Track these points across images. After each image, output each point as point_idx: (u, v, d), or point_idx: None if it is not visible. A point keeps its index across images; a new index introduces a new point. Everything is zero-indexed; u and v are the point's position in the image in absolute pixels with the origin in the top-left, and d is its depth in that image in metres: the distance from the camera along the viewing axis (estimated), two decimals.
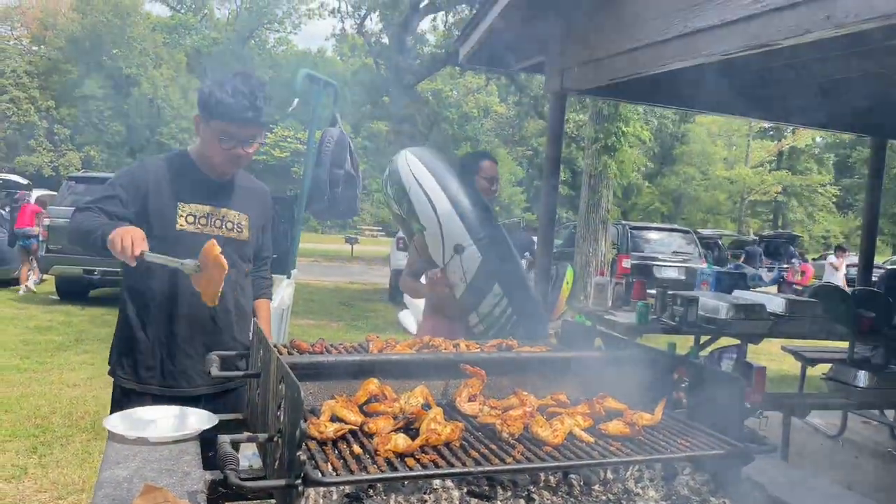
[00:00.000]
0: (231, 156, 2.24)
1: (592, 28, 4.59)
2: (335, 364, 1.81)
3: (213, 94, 2.15)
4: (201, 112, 2.22)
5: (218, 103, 2.14)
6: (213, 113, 2.17)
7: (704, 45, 3.63)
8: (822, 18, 3.04)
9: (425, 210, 3.06)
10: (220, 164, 2.27)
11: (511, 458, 1.45)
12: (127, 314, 2.31)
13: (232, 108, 2.14)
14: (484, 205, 3.17)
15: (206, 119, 2.21)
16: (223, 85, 2.16)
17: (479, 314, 3.07)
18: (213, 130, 2.19)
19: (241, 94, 2.15)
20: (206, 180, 2.31)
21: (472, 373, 1.81)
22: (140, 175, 2.25)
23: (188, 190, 2.27)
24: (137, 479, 1.46)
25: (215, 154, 2.24)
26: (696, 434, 1.69)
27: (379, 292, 14.45)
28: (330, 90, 4.41)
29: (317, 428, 1.49)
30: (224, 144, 2.20)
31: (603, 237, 12.50)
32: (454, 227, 3.01)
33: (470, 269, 3.01)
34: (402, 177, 3.15)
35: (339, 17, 27.60)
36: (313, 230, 35.82)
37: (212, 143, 2.22)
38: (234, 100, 2.14)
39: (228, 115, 2.16)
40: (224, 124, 2.18)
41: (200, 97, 2.20)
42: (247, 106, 2.16)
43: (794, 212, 43.35)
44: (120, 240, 1.94)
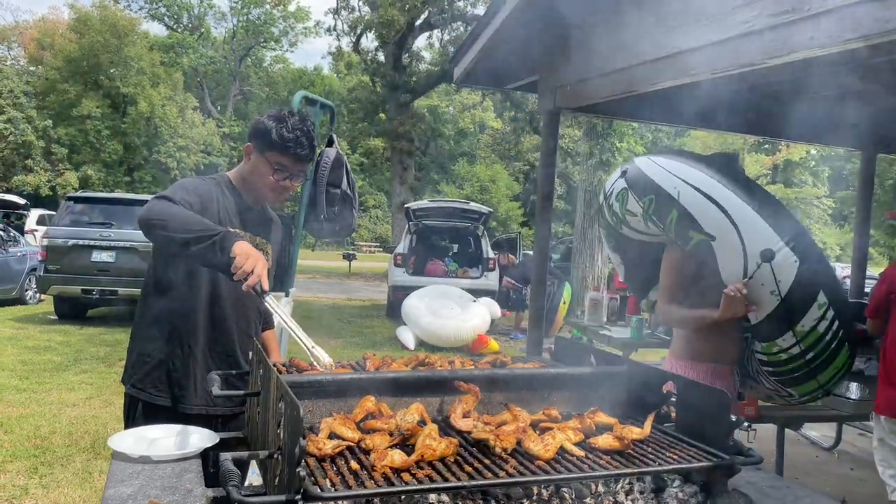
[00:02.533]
0: (280, 187, 2.36)
1: (585, 48, 4.67)
2: (333, 382, 1.85)
3: (276, 128, 2.27)
4: (257, 142, 2.32)
5: (280, 137, 2.27)
6: (272, 145, 2.29)
7: (693, 64, 3.70)
8: (806, 39, 3.12)
9: (710, 215, 2.62)
10: (267, 193, 2.38)
11: (504, 473, 1.50)
12: (158, 328, 2.32)
13: (292, 144, 2.28)
14: (776, 200, 2.71)
15: (261, 150, 2.32)
16: (283, 121, 2.29)
17: (797, 333, 2.59)
18: (268, 161, 2.31)
19: (300, 131, 2.30)
20: (248, 207, 2.42)
21: (467, 389, 1.86)
22: (202, 191, 2.28)
23: (235, 215, 2.36)
24: (142, 496, 1.50)
25: (265, 184, 2.35)
26: (684, 447, 1.73)
27: (377, 308, 14.47)
28: (327, 111, 4.48)
29: (315, 445, 1.53)
30: (277, 176, 2.32)
31: (599, 252, 12.57)
32: (757, 230, 2.54)
33: (785, 278, 2.51)
34: (660, 183, 2.74)
35: (336, 35, 27.90)
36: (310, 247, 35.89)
37: (264, 173, 2.33)
38: (293, 135, 2.28)
39: (288, 150, 2.29)
40: (282, 157, 2.30)
41: (259, 129, 2.31)
42: (305, 144, 2.31)
43: None
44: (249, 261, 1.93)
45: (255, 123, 2.35)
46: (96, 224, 10.23)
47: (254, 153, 2.35)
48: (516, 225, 37.97)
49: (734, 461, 1.66)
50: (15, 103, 36.73)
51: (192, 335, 2.32)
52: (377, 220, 44.00)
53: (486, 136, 42.05)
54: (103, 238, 9.95)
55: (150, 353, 2.32)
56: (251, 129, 2.37)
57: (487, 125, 41.49)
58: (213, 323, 2.34)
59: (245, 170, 2.40)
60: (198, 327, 2.32)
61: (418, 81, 24.85)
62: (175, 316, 2.30)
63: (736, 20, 3.40)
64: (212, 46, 50.16)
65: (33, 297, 12.65)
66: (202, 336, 2.33)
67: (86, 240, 10.05)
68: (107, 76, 39.92)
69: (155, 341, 2.32)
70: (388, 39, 24.02)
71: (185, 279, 2.28)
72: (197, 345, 2.32)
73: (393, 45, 24.17)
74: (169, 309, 2.30)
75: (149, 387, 2.32)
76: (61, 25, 41.03)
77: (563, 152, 21.56)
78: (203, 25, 50.69)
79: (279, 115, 2.32)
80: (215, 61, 49.18)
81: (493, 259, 13.03)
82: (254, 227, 2.43)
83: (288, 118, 2.30)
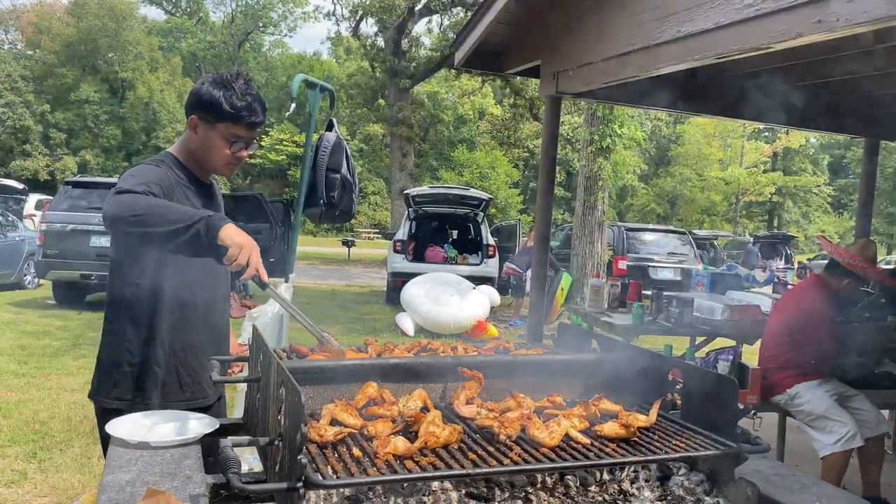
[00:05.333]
0: (235, 159, 2.20)
1: (586, 32, 4.62)
2: (334, 368, 1.82)
3: (225, 97, 2.10)
4: (203, 114, 2.13)
5: (231, 107, 2.10)
6: (223, 116, 2.11)
7: (697, 48, 3.66)
8: (813, 22, 3.07)
9: None
10: (221, 167, 2.21)
11: (508, 460, 1.47)
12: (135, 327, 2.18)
13: (245, 111, 2.12)
14: None
15: (209, 121, 2.14)
16: (228, 87, 2.11)
17: None
18: (219, 133, 2.14)
19: (250, 96, 2.13)
20: (199, 184, 2.26)
21: (470, 376, 1.83)
22: (159, 177, 2.08)
23: (195, 197, 2.21)
24: (140, 483, 1.48)
25: (218, 157, 2.18)
26: (691, 435, 1.71)
27: (376, 295, 14.46)
28: (326, 95, 4.43)
29: (317, 431, 1.51)
30: (233, 148, 2.17)
31: (599, 239, 12.54)
32: None
33: None
34: None
35: (335, 20, 27.69)
36: (310, 233, 35.82)
37: (216, 145, 2.16)
38: (245, 102, 2.11)
39: (242, 119, 2.13)
40: (236, 127, 2.14)
41: (205, 99, 2.12)
42: (258, 109, 2.15)
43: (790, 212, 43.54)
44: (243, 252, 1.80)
45: (197, 93, 2.14)
46: (95, 209, 10.18)
47: (201, 126, 2.15)
48: (515, 212, 37.93)
49: (741, 449, 1.64)
50: (12, 87, 36.58)
51: (188, 327, 2.23)
52: (376, 206, 43.94)
53: (486, 123, 41.91)
54: (101, 223, 9.88)
55: (128, 359, 2.18)
56: (194, 99, 2.15)
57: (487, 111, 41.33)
58: (204, 313, 2.26)
59: (192, 144, 2.20)
60: (174, 326, 2.21)
61: (418, 67, 24.69)
62: (150, 317, 2.17)
63: (743, 3, 3.35)
64: (210, 31, 49.89)
65: (32, 281, 12.61)
66: (198, 327, 2.26)
67: (84, 225, 10.01)
68: (105, 61, 39.74)
69: (133, 346, 2.18)
70: (388, 24, 23.84)
71: (156, 278, 2.15)
72: (193, 334, 2.25)
73: (393, 30, 23.99)
74: (144, 311, 2.16)
75: (126, 394, 2.17)
76: (59, 9, 40.78)
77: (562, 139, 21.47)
78: (201, 10, 50.40)
79: (222, 81, 2.12)
80: (214, 46, 48.89)
81: (492, 246, 12.99)
82: (209, 203, 2.28)
83: (233, 83, 2.11)
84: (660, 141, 44.70)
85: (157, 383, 2.19)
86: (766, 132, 39.76)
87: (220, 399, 2.44)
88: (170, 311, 2.19)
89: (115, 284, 2.21)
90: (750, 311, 4.66)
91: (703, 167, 40.53)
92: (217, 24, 50.35)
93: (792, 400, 4.00)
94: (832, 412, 3.84)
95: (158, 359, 2.19)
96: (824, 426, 3.84)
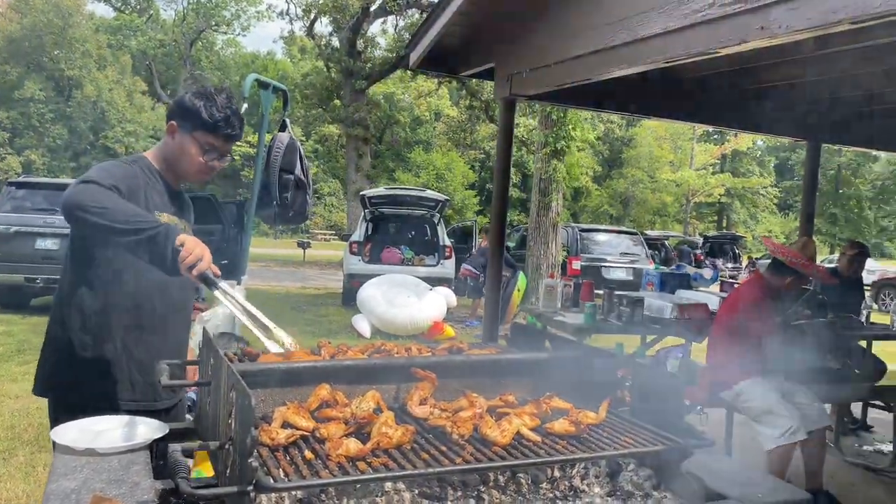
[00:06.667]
0: (208, 168, 2.26)
1: (540, 35, 4.67)
2: (286, 370, 1.81)
3: (205, 107, 2.17)
4: (183, 122, 2.21)
5: (210, 116, 2.17)
6: (202, 125, 2.19)
7: (647, 52, 3.74)
8: (756, 28, 3.17)
9: None
10: (193, 174, 2.28)
11: (460, 459, 1.49)
12: (85, 324, 2.17)
13: (222, 122, 2.20)
14: None
15: (188, 129, 2.21)
16: (210, 98, 2.19)
17: None
18: (195, 141, 2.21)
19: (230, 109, 2.21)
20: (169, 189, 2.30)
21: (423, 376, 1.84)
22: (127, 176, 2.12)
23: (158, 198, 2.24)
24: (85, 490, 1.44)
25: (191, 164, 2.24)
26: (639, 431, 1.75)
27: (332, 297, 14.35)
28: (279, 95, 4.39)
29: (268, 434, 1.50)
30: (206, 156, 2.23)
31: (553, 239, 12.68)
32: None
33: None
34: None
35: (288, 19, 27.43)
36: (265, 235, 35.37)
37: (190, 153, 2.22)
38: (223, 115, 2.19)
39: (219, 130, 2.20)
40: (210, 136, 2.21)
41: (186, 107, 2.20)
42: (235, 123, 2.23)
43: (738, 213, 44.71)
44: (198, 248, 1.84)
45: (180, 101, 2.24)
46: (40, 210, 9.89)
47: (178, 133, 2.23)
48: (472, 213, 38.07)
49: (687, 444, 1.68)
50: None
51: (143, 327, 2.21)
52: (332, 207, 43.62)
53: (442, 124, 42.00)
54: (47, 225, 9.61)
55: (78, 353, 2.16)
56: (175, 107, 2.25)
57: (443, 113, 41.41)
58: (161, 313, 2.24)
59: (168, 150, 2.27)
60: (129, 326, 2.19)
61: (373, 68, 24.62)
62: (104, 314, 2.16)
63: (690, 9, 3.43)
64: (161, 29, 48.83)
65: None
66: (154, 328, 2.23)
67: (29, 226, 9.70)
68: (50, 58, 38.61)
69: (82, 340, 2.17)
70: (343, 24, 23.72)
71: (114, 273, 2.15)
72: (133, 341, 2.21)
73: (347, 30, 23.87)
74: (98, 305, 2.16)
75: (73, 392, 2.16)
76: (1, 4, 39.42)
77: (518, 141, 21.65)
78: (152, 7, 49.30)
79: (206, 93, 2.22)
80: (165, 45, 47.88)
81: (449, 247, 13.03)
82: (178, 208, 2.33)
83: (216, 96, 2.21)
84: (613, 143, 45.44)
85: (112, 382, 2.18)
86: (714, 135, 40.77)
87: (178, 403, 2.41)
88: (125, 311, 2.18)
89: (67, 280, 2.21)
90: (698, 310, 4.78)
91: (654, 169, 41.30)
92: (168, 22, 49.29)
93: (738, 396, 4.11)
94: (776, 407, 3.97)
95: (111, 358, 2.18)
96: (769, 421, 3.96)
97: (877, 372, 5.82)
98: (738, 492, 1.75)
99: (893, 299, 16.31)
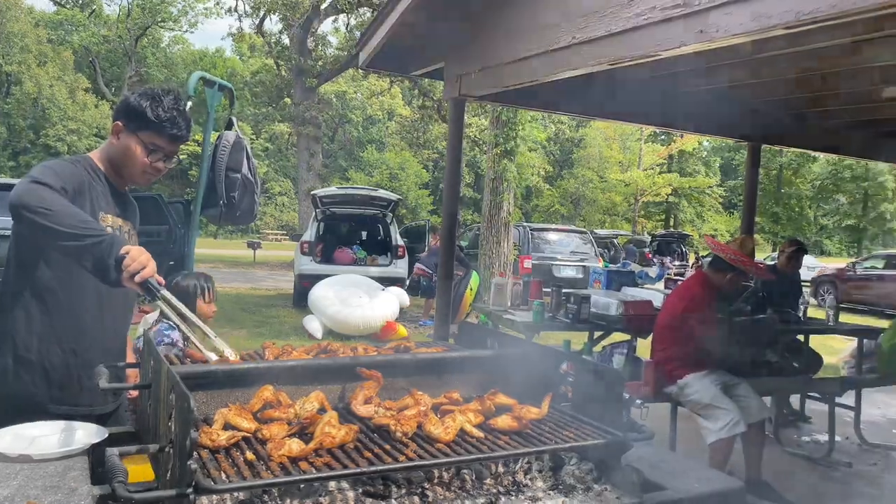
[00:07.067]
0: (153, 169, 2.24)
1: (488, 36, 4.71)
2: (229, 372, 1.80)
3: (151, 107, 2.15)
4: (128, 122, 2.18)
5: (156, 117, 2.15)
6: (147, 125, 2.16)
7: (592, 55, 3.80)
8: (695, 32, 3.26)
9: None
10: (138, 175, 2.25)
11: (404, 457, 1.50)
12: (28, 323, 2.13)
13: (168, 123, 2.17)
14: None
15: (133, 129, 2.18)
16: (157, 99, 2.17)
17: None
18: (140, 142, 2.18)
19: (176, 110, 2.20)
20: (114, 190, 2.27)
21: (368, 376, 1.85)
22: (73, 176, 2.09)
23: (103, 199, 2.20)
24: (20, 497, 1.41)
25: (136, 165, 2.21)
26: (580, 425, 1.79)
27: (283, 298, 14.18)
28: (226, 93, 4.33)
29: (209, 436, 1.48)
30: (151, 157, 2.21)
31: (505, 239, 12.79)
32: None
33: None
34: None
35: (237, 16, 27.02)
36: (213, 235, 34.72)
37: (135, 154, 2.20)
38: (170, 115, 2.17)
39: (164, 130, 2.18)
40: (156, 137, 2.18)
41: (131, 107, 2.18)
42: (182, 124, 2.21)
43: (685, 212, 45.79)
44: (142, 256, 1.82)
45: (126, 101, 2.21)
46: None
47: (124, 133, 2.20)
48: (426, 213, 38.10)
49: (627, 437, 1.72)
50: None
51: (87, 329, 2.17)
52: (283, 207, 43.08)
53: (395, 124, 41.92)
54: None
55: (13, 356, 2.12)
56: (120, 106, 2.22)
57: (396, 112, 41.31)
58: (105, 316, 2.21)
59: (113, 151, 2.24)
60: (92, 320, 2.17)
61: (325, 66, 24.40)
62: (44, 315, 2.12)
63: (633, 12, 3.51)
64: (105, 24, 47.42)
65: None
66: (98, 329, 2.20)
67: None
68: None
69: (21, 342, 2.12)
70: (293, 22, 23.47)
71: (61, 275, 2.11)
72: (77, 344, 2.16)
73: (298, 28, 23.63)
74: (39, 307, 2.12)
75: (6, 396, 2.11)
76: None
77: (470, 141, 21.75)
78: (94, 2, 47.87)
79: (152, 93, 2.20)
80: (109, 40, 46.52)
81: (402, 247, 13.00)
82: (122, 210, 2.30)
83: (162, 96, 2.19)
84: (563, 144, 46.04)
85: (49, 386, 2.13)
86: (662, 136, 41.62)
87: (119, 407, 2.36)
88: (66, 313, 2.14)
89: (8, 280, 2.17)
90: (642, 306, 4.89)
91: (604, 169, 41.96)
92: (112, 18, 47.89)
93: (682, 390, 4.22)
94: (718, 401, 4.08)
95: (48, 361, 2.13)
96: (711, 414, 4.07)
97: (814, 365, 6.04)
98: (675, 482, 1.81)
99: (831, 295, 16.92)
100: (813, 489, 4.63)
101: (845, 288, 17.21)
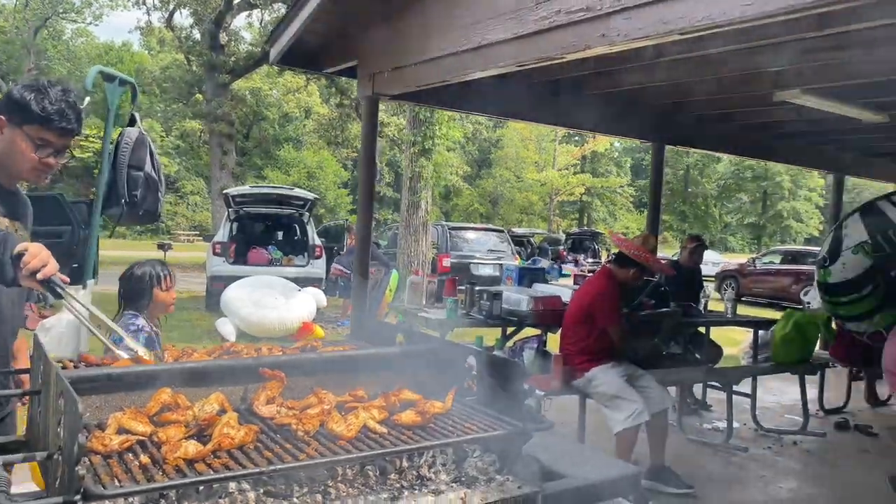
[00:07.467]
0: (43, 165, 2.11)
1: (400, 35, 4.73)
2: (123, 375, 1.74)
3: (36, 99, 2.03)
4: (13, 116, 2.06)
5: (42, 110, 2.03)
6: (33, 119, 2.03)
7: (500, 56, 3.88)
8: (598, 36, 3.38)
9: None
10: (27, 171, 2.12)
11: (304, 455, 1.50)
12: None
13: (56, 115, 2.05)
14: None
15: (18, 124, 2.05)
16: (43, 90, 2.06)
17: None
18: (26, 136, 2.05)
19: (64, 101, 2.08)
20: (8, 192, 2.15)
21: (271, 376, 1.83)
22: None
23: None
24: None
25: (23, 161, 2.08)
26: (482, 417, 1.83)
27: (195, 300, 13.76)
28: (128, 88, 4.18)
29: (100, 441, 1.44)
30: (40, 153, 2.08)
31: (423, 237, 12.85)
32: None
33: None
34: None
35: (146, 9, 26.04)
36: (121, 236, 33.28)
37: (21, 149, 2.07)
38: (57, 107, 2.05)
39: (52, 123, 2.05)
40: (43, 131, 2.06)
41: (15, 101, 2.06)
42: (71, 116, 2.09)
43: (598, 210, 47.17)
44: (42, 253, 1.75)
45: (9, 94, 2.11)
46: None
47: (7, 127, 2.09)
48: (345, 212, 37.73)
49: (527, 427, 1.78)
50: None
51: None
52: (196, 207, 41.72)
53: (312, 122, 41.32)
54: None
55: None
56: (3, 100, 2.12)
57: (313, 110, 40.71)
58: None
59: None
60: None
61: (238, 62, 23.83)
62: None
63: (539, 15, 3.60)
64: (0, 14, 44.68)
65: None
66: None
67: None
68: None
69: None
70: (204, 17, 22.81)
71: None
72: None
73: (209, 22, 22.98)
74: None
75: None
76: None
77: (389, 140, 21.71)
78: None
79: (37, 86, 2.10)
80: (4, 31, 43.84)
81: (319, 246, 12.85)
82: (11, 210, 2.17)
83: (48, 88, 2.09)
84: (481, 144, 46.55)
85: None
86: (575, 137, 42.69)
87: (7, 416, 2.25)
88: None
89: None
90: (551, 301, 5.03)
91: (521, 169, 42.65)
92: (8, 7, 45.16)
93: (589, 383, 4.36)
94: (623, 392, 4.24)
95: None
96: (616, 405, 4.23)
97: (714, 355, 6.35)
98: (574, 470, 1.87)
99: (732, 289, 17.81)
100: (711, 473, 4.88)
101: (746, 282, 18.17)
